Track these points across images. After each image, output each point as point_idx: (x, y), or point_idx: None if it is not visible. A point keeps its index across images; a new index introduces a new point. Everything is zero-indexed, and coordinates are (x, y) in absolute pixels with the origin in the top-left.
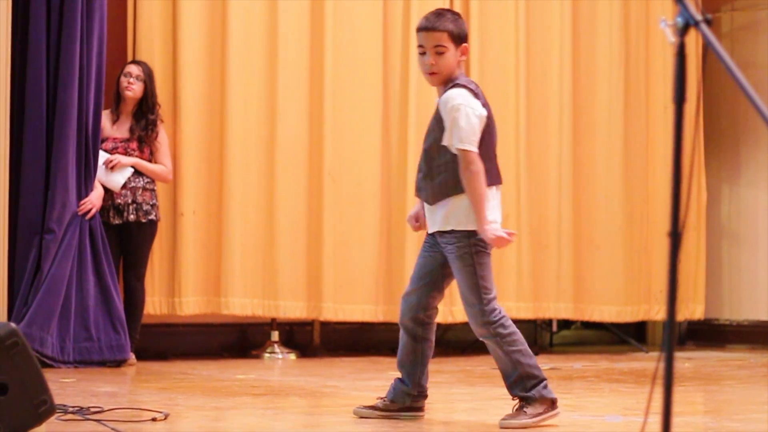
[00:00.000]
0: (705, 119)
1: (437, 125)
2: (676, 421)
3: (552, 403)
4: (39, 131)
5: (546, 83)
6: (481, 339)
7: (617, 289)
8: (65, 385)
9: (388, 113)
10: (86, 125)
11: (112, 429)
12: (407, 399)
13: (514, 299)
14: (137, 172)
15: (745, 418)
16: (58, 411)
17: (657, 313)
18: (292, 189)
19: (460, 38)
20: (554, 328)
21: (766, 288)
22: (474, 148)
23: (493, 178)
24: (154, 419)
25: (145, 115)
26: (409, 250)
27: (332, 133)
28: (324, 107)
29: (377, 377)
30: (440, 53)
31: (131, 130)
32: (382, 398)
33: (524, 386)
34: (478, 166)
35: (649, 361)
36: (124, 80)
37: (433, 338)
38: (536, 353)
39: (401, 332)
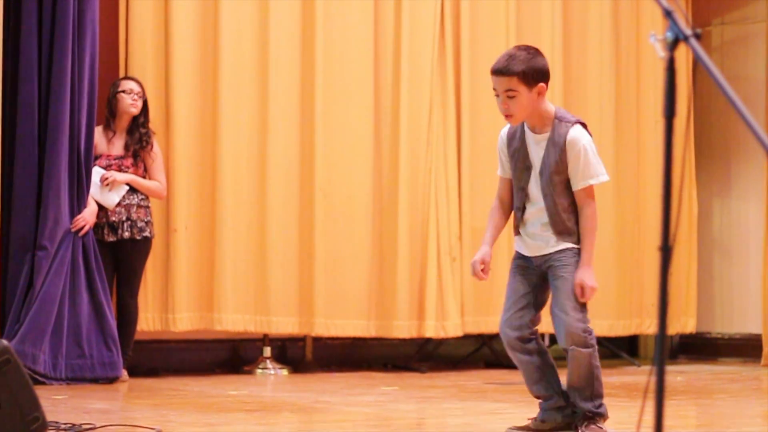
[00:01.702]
0: (695, 133)
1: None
2: None
3: (605, 420)
4: (31, 147)
5: None
6: (569, 348)
7: (609, 303)
8: (57, 402)
9: (379, 129)
10: (78, 141)
11: None
12: (557, 414)
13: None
14: (132, 189)
15: (737, 431)
16: (50, 428)
17: (649, 326)
18: (283, 205)
19: (534, 79)
20: (546, 342)
21: (757, 301)
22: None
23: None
24: None
25: (138, 129)
26: (400, 265)
27: (324, 149)
28: (315, 123)
29: (369, 392)
30: (511, 97)
31: (126, 146)
32: (533, 418)
33: (594, 403)
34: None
35: (641, 375)
36: (126, 97)
37: (545, 347)
38: None
39: (513, 355)
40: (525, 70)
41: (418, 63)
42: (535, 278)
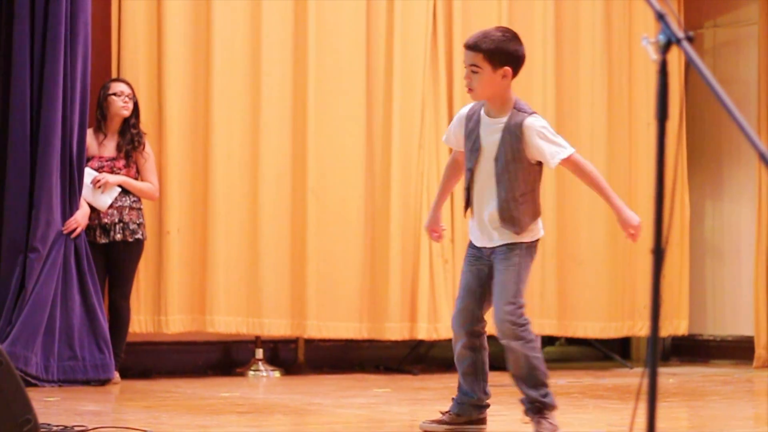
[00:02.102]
0: (687, 136)
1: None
2: None
3: (554, 409)
4: (23, 149)
5: (528, 99)
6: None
7: (601, 305)
8: (49, 404)
9: (371, 131)
10: (71, 143)
11: None
12: (474, 411)
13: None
14: (124, 191)
15: None
16: (42, 430)
17: (641, 329)
18: (276, 207)
19: (500, 61)
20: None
21: (749, 303)
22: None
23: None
24: None
25: (129, 130)
26: (393, 267)
27: (316, 151)
28: (307, 125)
29: (362, 394)
30: (475, 72)
31: (118, 148)
32: (446, 412)
33: (540, 392)
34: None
35: (633, 377)
36: (117, 100)
37: (487, 346)
38: None
39: (459, 347)
40: (492, 50)
41: (410, 64)
42: (486, 269)
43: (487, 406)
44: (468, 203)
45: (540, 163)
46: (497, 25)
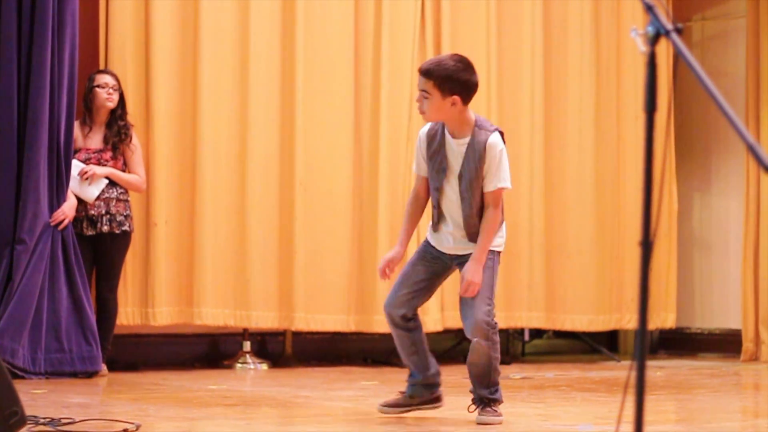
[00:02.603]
0: (676, 128)
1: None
2: (647, 429)
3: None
4: (10, 141)
5: (517, 93)
6: (473, 339)
7: (589, 298)
8: (36, 397)
9: (360, 124)
10: (58, 135)
11: None
12: (425, 391)
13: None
14: (111, 183)
15: (716, 426)
16: (29, 422)
17: (629, 322)
18: (264, 199)
19: (450, 90)
20: (526, 337)
21: (737, 297)
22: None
23: None
24: (125, 430)
25: (116, 121)
26: (380, 260)
27: (304, 143)
28: (296, 117)
29: (349, 387)
30: (425, 97)
31: (105, 140)
32: (402, 392)
33: (491, 390)
34: None
35: (621, 370)
36: (102, 92)
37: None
38: (508, 362)
39: (397, 332)
40: (443, 78)
41: (399, 57)
42: (441, 269)
43: (438, 384)
44: (437, 220)
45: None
46: (453, 52)
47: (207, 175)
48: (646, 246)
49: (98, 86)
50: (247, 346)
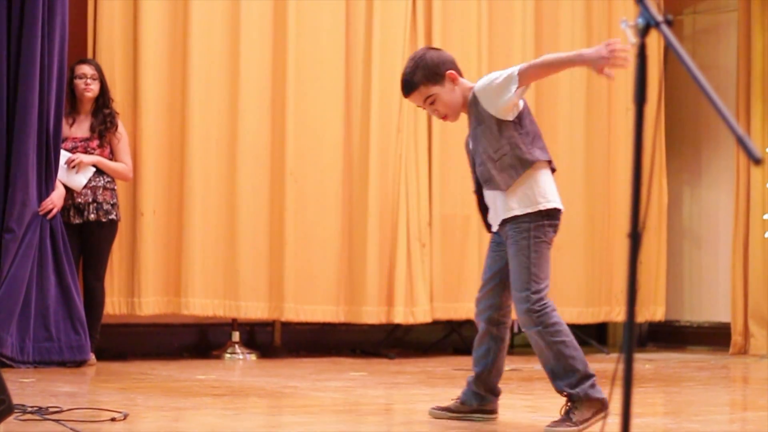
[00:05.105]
0: (666, 121)
1: (480, 124)
2: (635, 422)
3: (601, 405)
4: None
5: None
6: (523, 329)
7: (578, 290)
8: (24, 385)
9: (350, 114)
10: (47, 124)
11: (71, 429)
12: (475, 401)
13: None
14: (98, 171)
15: (705, 419)
16: (16, 411)
17: (618, 314)
18: (253, 189)
19: (437, 74)
20: (515, 329)
21: (726, 290)
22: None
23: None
24: (113, 419)
25: (101, 110)
26: (370, 250)
27: (294, 134)
28: (286, 107)
29: (338, 378)
30: (433, 102)
31: (91, 128)
32: (455, 399)
33: (569, 382)
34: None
35: (609, 363)
36: (80, 82)
37: (507, 338)
38: None
39: (479, 333)
40: (426, 74)
41: (389, 51)
42: (505, 254)
43: (497, 395)
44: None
45: (512, 121)
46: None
47: (195, 164)
48: (635, 238)
49: (77, 77)
50: (236, 336)
